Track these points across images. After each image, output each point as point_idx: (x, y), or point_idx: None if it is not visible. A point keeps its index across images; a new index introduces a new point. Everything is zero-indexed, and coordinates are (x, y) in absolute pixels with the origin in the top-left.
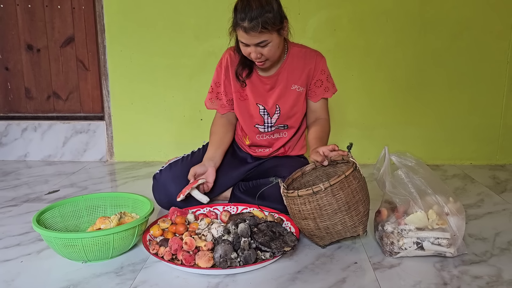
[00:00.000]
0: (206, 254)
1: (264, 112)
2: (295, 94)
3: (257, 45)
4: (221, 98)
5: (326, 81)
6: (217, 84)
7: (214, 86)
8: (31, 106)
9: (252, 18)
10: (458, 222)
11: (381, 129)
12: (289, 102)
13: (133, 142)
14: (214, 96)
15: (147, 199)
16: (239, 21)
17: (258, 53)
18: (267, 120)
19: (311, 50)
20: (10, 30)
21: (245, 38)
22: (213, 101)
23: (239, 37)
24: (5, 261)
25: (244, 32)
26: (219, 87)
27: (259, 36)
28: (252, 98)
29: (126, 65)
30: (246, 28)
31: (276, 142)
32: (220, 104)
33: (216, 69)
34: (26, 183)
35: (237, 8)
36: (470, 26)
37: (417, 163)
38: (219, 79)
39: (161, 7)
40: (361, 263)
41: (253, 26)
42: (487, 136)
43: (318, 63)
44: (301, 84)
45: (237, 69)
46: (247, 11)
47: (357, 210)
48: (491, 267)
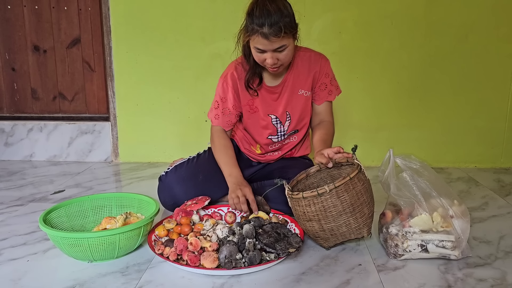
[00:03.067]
0: (211, 255)
1: (276, 121)
2: (303, 99)
3: (275, 51)
4: (228, 114)
5: (330, 84)
6: (223, 100)
7: (220, 101)
8: (37, 106)
9: (273, 23)
10: (462, 225)
11: (385, 131)
12: (298, 107)
13: (138, 143)
14: (220, 112)
15: (153, 200)
16: (257, 27)
17: (274, 59)
18: (280, 128)
19: (315, 54)
20: (17, 31)
21: (264, 44)
22: (219, 117)
23: (256, 44)
24: (12, 260)
25: (263, 38)
26: (225, 102)
27: (279, 41)
28: (262, 109)
29: (132, 67)
30: (267, 34)
31: (285, 146)
32: (227, 121)
33: (222, 84)
34: (31, 183)
35: (254, 14)
36: (475, 30)
37: (421, 165)
38: (225, 94)
39: (167, 9)
40: (365, 265)
41: (275, 31)
42: (491, 139)
43: (322, 66)
44: (307, 89)
45: (248, 79)
46: (266, 16)
47: (361, 212)
48: (495, 270)
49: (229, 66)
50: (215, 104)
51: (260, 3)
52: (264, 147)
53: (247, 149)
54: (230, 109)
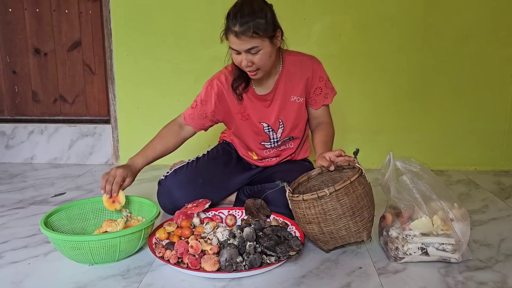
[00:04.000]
0: (212, 258)
1: (268, 129)
2: (296, 106)
3: (248, 52)
4: (204, 117)
5: (325, 88)
6: (203, 102)
7: (200, 103)
8: (38, 109)
9: (243, 23)
10: (462, 228)
11: (384, 134)
12: (291, 114)
13: (138, 146)
14: (196, 113)
15: (153, 203)
16: (230, 26)
17: (249, 61)
18: (273, 136)
19: (306, 58)
20: (18, 34)
21: (236, 43)
22: (193, 118)
23: (231, 44)
24: (13, 263)
25: (235, 37)
26: (205, 105)
27: (249, 41)
28: (254, 117)
29: (132, 69)
30: (237, 32)
31: (283, 153)
32: (200, 124)
33: (206, 87)
34: (32, 186)
35: (230, 14)
36: (474, 32)
37: (421, 168)
38: (207, 98)
39: (167, 12)
40: (365, 268)
41: (244, 30)
42: (491, 142)
43: (315, 70)
44: (300, 95)
45: (233, 83)
46: (239, 16)
47: (361, 216)
48: (496, 273)
49: (218, 72)
50: (193, 104)
51: (237, 5)
52: (259, 152)
53: (245, 155)
54: (207, 114)
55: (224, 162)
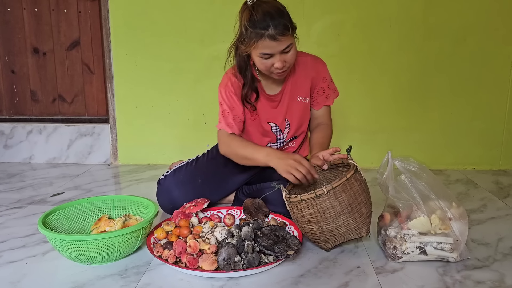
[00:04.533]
0: (210, 257)
1: (276, 129)
2: (302, 106)
3: (283, 52)
4: (239, 121)
5: (327, 88)
6: (231, 108)
7: (229, 109)
8: (37, 108)
9: (278, 23)
10: (461, 227)
11: (384, 133)
12: (297, 114)
13: (137, 145)
14: (231, 120)
15: (152, 202)
16: (261, 31)
17: (282, 61)
18: (280, 136)
19: (311, 58)
20: (16, 33)
21: (272, 46)
22: (233, 125)
23: (262, 49)
24: (11, 263)
25: (271, 40)
26: (234, 110)
27: (286, 40)
28: (262, 117)
29: (131, 69)
30: (274, 35)
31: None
32: (239, 127)
33: (225, 93)
34: (31, 185)
35: (254, 19)
36: (473, 32)
37: (420, 168)
38: (232, 102)
39: (167, 11)
40: (364, 268)
41: (281, 30)
42: (490, 141)
43: (320, 71)
44: (305, 95)
45: (244, 94)
46: (268, 18)
47: (360, 212)
48: (493, 272)
49: (225, 76)
50: (224, 113)
51: (257, 8)
52: None
53: None
54: (240, 116)
55: (224, 162)
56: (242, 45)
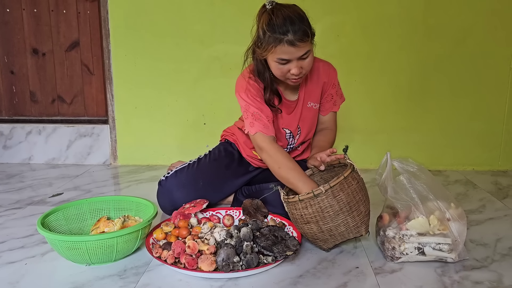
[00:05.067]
0: (209, 258)
1: (290, 135)
2: (312, 112)
3: (300, 58)
4: (271, 121)
5: (335, 95)
6: (260, 109)
7: (259, 111)
8: (36, 109)
9: (297, 29)
10: (459, 227)
11: (383, 134)
12: (308, 121)
13: (136, 146)
14: (266, 121)
15: (151, 203)
16: (280, 36)
17: (299, 68)
18: (291, 142)
19: (323, 64)
20: (16, 34)
21: (290, 52)
22: (268, 127)
23: (279, 54)
24: (10, 263)
25: (290, 46)
26: (263, 111)
27: (305, 47)
28: (278, 122)
29: (131, 70)
30: (293, 41)
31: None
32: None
33: (248, 96)
34: (30, 186)
35: (274, 24)
36: (473, 33)
37: (419, 168)
38: (258, 104)
39: (166, 12)
40: (362, 268)
41: (301, 36)
42: (489, 142)
43: (331, 77)
44: (316, 101)
45: (267, 98)
46: (288, 23)
47: (358, 210)
48: (492, 273)
49: (241, 80)
50: (254, 116)
51: (276, 12)
52: None
53: (249, 155)
54: (271, 116)
55: (226, 164)
56: (259, 49)
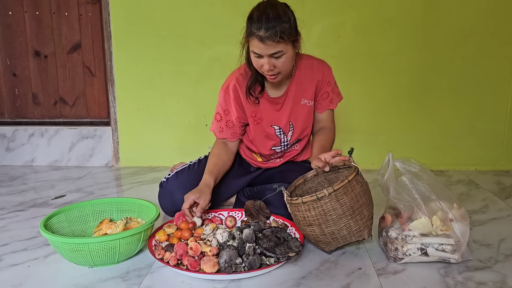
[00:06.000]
0: (211, 259)
1: (280, 131)
2: (306, 109)
3: (271, 56)
4: (232, 126)
5: (331, 92)
6: (225, 112)
7: (223, 114)
8: (38, 111)
9: (269, 27)
10: (462, 228)
11: (384, 134)
12: (301, 117)
13: (138, 148)
14: (223, 124)
15: (153, 205)
16: (254, 30)
17: (271, 65)
18: (284, 139)
19: (317, 62)
20: (18, 36)
21: (260, 48)
22: (223, 130)
23: (253, 48)
24: (13, 266)
25: (260, 42)
26: (228, 114)
27: (275, 46)
28: (265, 120)
29: (132, 71)
30: (263, 37)
31: (287, 154)
32: (232, 132)
33: (223, 96)
34: (33, 188)
35: (253, 17)
36: (473, 33)
37: (421, 169)
38: (228, 107)
39: (167, 14)
40: (365, 269)
41: (270, 35)
42: (492, 142)
43: (325, 75)
44: (310, 98)
45: (249, 85)
46: (264, 20)
47: (361, 214)
48: (495, 273)
49: (230, 76)
50: (217, 116)
51: (260, 8)
52: (267, 156)
53: (249, 157)
54: (233, 122)
55: None
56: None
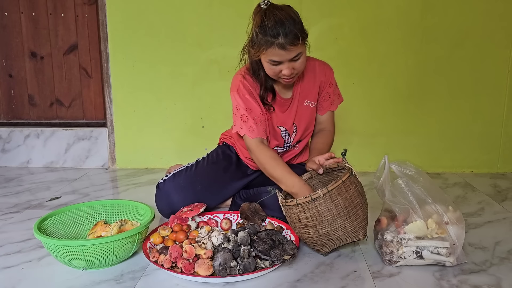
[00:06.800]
0: (206, 262)
1: (285, 133)
2: (309, 110)
3: (291, 60)
4: (260, 122)
5: (333, 94)
6: (248, 110)
7: (247, 112)
8: (34, 113)
9: (288, 32)
10: (457, 231)
11: (381, 137)
12: (305, 119)
13: (135, 149)
14: (252, 123)
15: (148, 207)
16: (272, 39)
17: (291, 69)
18: (287, 140)
19: (319, 63)
20: (14, 37)
21: (281, 55)
22: (254, 129)
23: (271, 56)
24: (6, 268)
25: (280, 49)
26: (252, 111)
27: (296, 49)
28: (273, 121)
29: (129, 73)
30: (284, 44)
31: (287, 155)
32: (263, 129)
33: (239, 96)
34: (28, 190)
35: (265, 25)
36: (471, 35)
37: (417, 172)
38: (248, 104)
39: (164, 15)
40: (360, 272)
41: (291, 39)
42: (488, 145)
43: (327, 76)
44: (313, 99)
45: (261, 95)
46: (279, 26)
47: (356, 215)
48: (490, 277)
49: (236, 78)
50: (242, 118)
51: (269, 14)
52: None
53: (248, 158)
54: (260, 117)
55: (224, 167)
56: (253, 50)
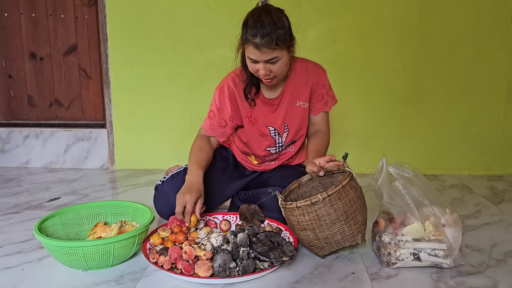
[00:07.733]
0: (205, 263)
1: (275, 132)
2: (301, 110)
3: (267, 62)
4: (224, 125)
5: (326, 95)
6: (219, 110)
7: (217, 111)
8: (34, 113)
9: (265, 34)
10: (454, 233)
11: (379, 139)
12: (296, 119)
13: (134, 150)
14: (216, 122)
15: (148, 208)
16: (249, 37)
17: (267, 70)
18: (278, 140)
19: (312, 64)
20: (14, 38)
21: (256, 54)
22: (214, 128)
23: (248, 54)
24: (7, 269)
25: (255, 49)
26: (222, 113)
27: (271, 53)
28: (260, 121)
29: (128, 74)
30: (258, 45)
31: (282, 156)
32: (222, 132)
33: (218, 94)
34: (27, 190)
35: (248, 24)
36: (468, 38)
37: (414, 174)
38: (222, 105)
39: (163, 17)
40: (358, 274)
41: (266, 42)
42: (485, 147)
43: (320, 77)
44: (305, 100)
45: (245, 88)
46: (259, 27)
47: (355, 219)
48: (487, 279)
49: (226, 77)
50: (210, 114)
51: (255, 14)
52: (261, 158)
53: (244, 159)
54: (226, 121)
55: (222, 168)
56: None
